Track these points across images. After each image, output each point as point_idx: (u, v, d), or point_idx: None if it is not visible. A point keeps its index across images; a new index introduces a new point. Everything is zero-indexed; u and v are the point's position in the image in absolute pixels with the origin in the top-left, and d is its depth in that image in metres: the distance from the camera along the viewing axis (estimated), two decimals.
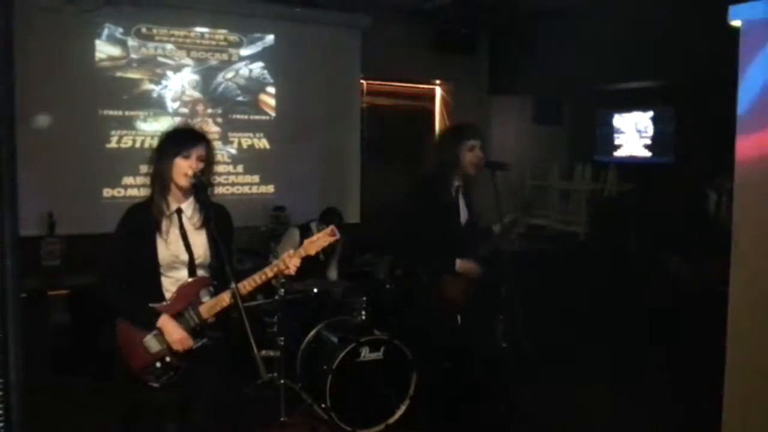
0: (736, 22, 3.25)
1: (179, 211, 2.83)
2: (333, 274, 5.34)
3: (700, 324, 4.23)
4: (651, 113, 7.72)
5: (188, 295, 2.79)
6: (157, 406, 2.80)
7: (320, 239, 2.84)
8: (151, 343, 2.75)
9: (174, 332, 2.72)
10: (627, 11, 6.29)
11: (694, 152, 6.08)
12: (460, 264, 3.66)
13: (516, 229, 3.69)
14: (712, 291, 4.16)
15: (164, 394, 2.77)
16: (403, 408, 4.31)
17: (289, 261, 2.78)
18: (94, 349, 4.16)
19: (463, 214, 3.72)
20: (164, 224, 2.79)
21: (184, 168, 2.74)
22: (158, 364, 2.75)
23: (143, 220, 2.80)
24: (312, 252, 2.83)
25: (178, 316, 2.75)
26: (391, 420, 4.29)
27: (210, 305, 2.78)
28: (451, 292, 3.67)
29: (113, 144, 6.06)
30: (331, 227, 2.88)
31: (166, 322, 2.73)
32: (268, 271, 2.78)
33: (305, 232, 5.17)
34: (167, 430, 2.85)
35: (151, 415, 2.85)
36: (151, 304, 2.77)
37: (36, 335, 4.88)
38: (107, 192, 6.02)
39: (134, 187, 5.97)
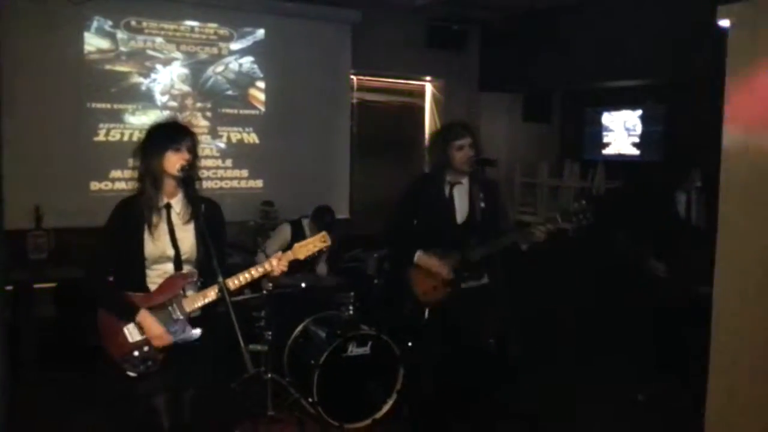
0: (724, 22, 3.28)
1: (168, 207, 2.83)
2: (322, 269, 5.34)
3: (683, 321, 4.27)
4: (640, 112, 7.76)
5: (173, 288, 2.79)
6: (138, 396, 2.80)
7: (310, 244, 2.83)
8: (132, 331, 2.75)
9: (153, 328, 2.72)
10: (617, 10, 6.33)
11: (682, 151, 6.11)
12: (418, 256, 3.63)
13: (537, 235, 3.58)
14: (686, 288, 4.21)
15: (146, 384, 2.77)
16: (390, 403, 4.32)
17: (277, 264, 2.78)
18: (80, 342, 4.14)
19: (462, 213, 3.71)
20: (154, 219, 2.79)
21: (175, 161, 2.74)
22: (136, 353, 2.74)
23: (133, 215, 2.79)
24: (301, 257, 2.82)
25: (160, 308, 2.75)
26: (378, 415, 4.30)
27: (193, 299, 2.78)
28: (417, 285, 3.66)
29: (101, 137, 6.03)
30: (323, 234, 2.87)
31: (145, 317, 2.73)
32: (254, 272, 2.78)
33: (297, 230, 5.16)
34: (156, 424, 2.84)
35: (135, 408, 2.85)
36: (133, 293, 2.76)
37: (22, 328, 4.86)
38: (95, 185, 5.99)
39: (122, 180, 5.95)
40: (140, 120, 6.10)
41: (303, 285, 4.78)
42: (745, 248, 3.22)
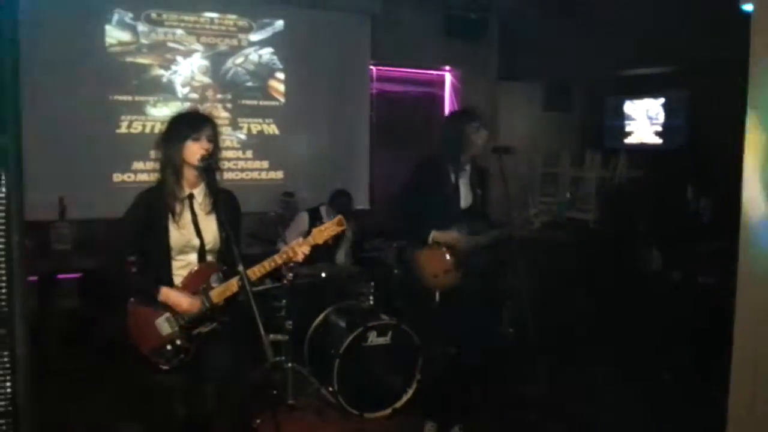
0: (747, 6, 3.23)
1: (191, 197, 2.85)
2: (341, 257, 5.36)
3: (694, 313, 4.23)
4: (662, 100, 7.66)
5: (199, 280, 2.82)
6: (166, 388, 2.83)
7: (328, 229, 2.85)
8: (163, 325, 2.78)
9: (179, 300, 2.76)
10: None
11: (705, 139, 6.03)
12: (434, 234, 3.65)
13: (536, 224, 3.64)
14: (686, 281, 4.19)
15: (173, 377, 2.80)
16: (410, 392, 4.33)
17: (298, 249, 2.80)
18: (103, 332, 4.20)
19: (466, 199, 3.72)
20: (177, 208, 2.81)
21: (195, 150, 2.76)
22: (169, 347, 2.78)
23: (155, 205, 2.81)
24: (320, 241, 2.84)
25: None
26: (398, 404, 4.32)
27: (221, 290, 2.80)
28: (427, 268, 3.67)
29: (123, 129, 6.08)
30: (339, 217, 2.89)
31: (168, 293, 2.76)
32: (278, 258, 2.80)
33: (315, 217, 5.19)
34: (177, 413, 2.88)
35: (161, 398, 2.88)
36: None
37: (46, 318, 4.93)
38: (117, 177, 6.05)
39: (144, 172, 6.00)
40: (161, 112, 6.15)
41: (323, 275, 4.80)
42: None
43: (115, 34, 6.00)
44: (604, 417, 4.24)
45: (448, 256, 3.64)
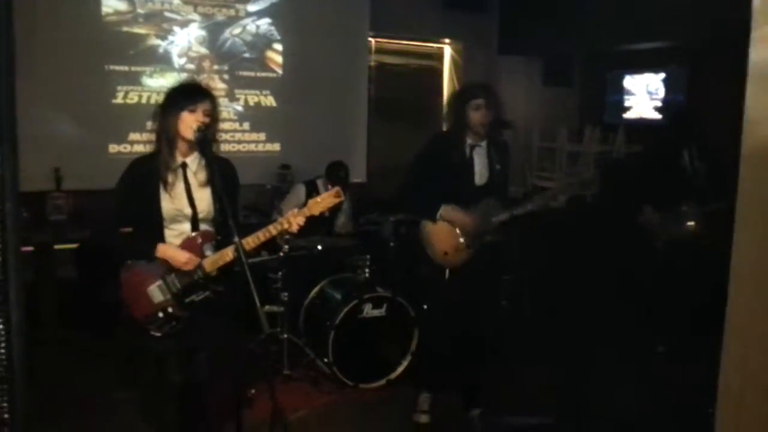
0: None
1: (184, 166, 2.85)
2: (341, 222, 5.39)
3: (696, 282, 4.25)
4: (662, 75, 7.62)
5: (192, 249, 2.82)
6: (160, 355, 2.85)
7: (325, 200, 2.84)
8: (155, 292, 2.79)
9: (177, 255, 2.78)
10: None
11: (702, 111, 6.00)
12: (443, 210, 3.61)
13: (561, 199, 3.59)
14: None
15: (167, 344, 2.82)
16: (404, 364, 4.37)
17: (293, 220, 2.79)
18: (99, 302, 4.21)
19: (481, 176, 3.69)
20: (169, 178, 2.81)
21: (190, 122, 2.75)
22: (160, 314, 2.79)
23: (147, 174, 2.81)
24: (316, 212, 2.83)
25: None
26: (393, 375, 4.36)
27: (213, 259, 2.81)
28: (437, 245, 3.65)
29: (119, 100, 6.04)
30: (336, 189, 2.88)
31: (166, 248, 2.78)
32: (272, 229, 2.80)
33: (311, 189, 5.19)
34: (172, 380, 2.90)
35: (155, 365, 2.90)
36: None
37: (43, 289, 4.95)
38: (113, 148, 6.02)
39: (140, 143, 5.96)
40: (158, 83, 6.10)
41: (319, 247, 4.81)
42: (766, 219, 3.14)
43: (111, 3, 5.93)
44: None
45: (459, 235, 3.62)
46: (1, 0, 1.57)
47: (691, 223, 4.48)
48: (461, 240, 3.60)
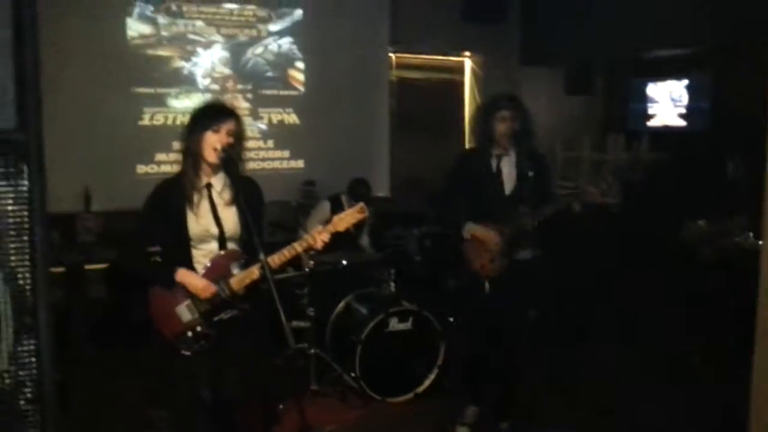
0: None
1: (209, 186, 2.87)
2: (365, 241, 5.41)
3: (728, 290, 4.20)
4: (686, 82, 7.56)
5: (220, 268, 2.85)
6: (191, 374, 2.88)
7: (349, 216, 2.85)
8: (184, 312, 2.82)
9: (195, 282, 2.79)
10: None
11: (730, 121, 5.95)
12: (469, 227, 3.67)
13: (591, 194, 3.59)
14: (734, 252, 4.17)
15: (196, 362, 2.85)
16: (431, 377, 4.37)
17: (318, 237, 2.81)
18: (129, 321, 4.28)
19: (509, 184, 3.69)
20: (195, 198, 2.84)
21: (213, 142, 2.76)
22: (189, 333, 2.82)
23: (173, 194, 2.84)
24: (341, 228, 2.84)
25: None
26: (420, 389, 4.35)
27: (240, 278, 2.83)
28: (474, 259, 3.67)
29: (146, 121, 6.15)
30: (360, 205, 2.89)
31: (184, 274, 2.80)
32: (297, 246, 2.81)
33: (336, 205, 5.23)
34: (203, 398, 2.92)
35: (186, 383, 2.93)
36: None
37: (74, 309, 5.03)
38: (141, 168, 6.13)
39: (167, 163, 6.06)
40: (183, 103, 6.21)
41: (344, 262, 4.84)
42: None
43: (136, 27, 6.06)
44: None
45: (489, 249, 3.64)
46: (27, 23, 1.61)
47: (743, 236, 4.39)
48: (493, 253, 3.62)
